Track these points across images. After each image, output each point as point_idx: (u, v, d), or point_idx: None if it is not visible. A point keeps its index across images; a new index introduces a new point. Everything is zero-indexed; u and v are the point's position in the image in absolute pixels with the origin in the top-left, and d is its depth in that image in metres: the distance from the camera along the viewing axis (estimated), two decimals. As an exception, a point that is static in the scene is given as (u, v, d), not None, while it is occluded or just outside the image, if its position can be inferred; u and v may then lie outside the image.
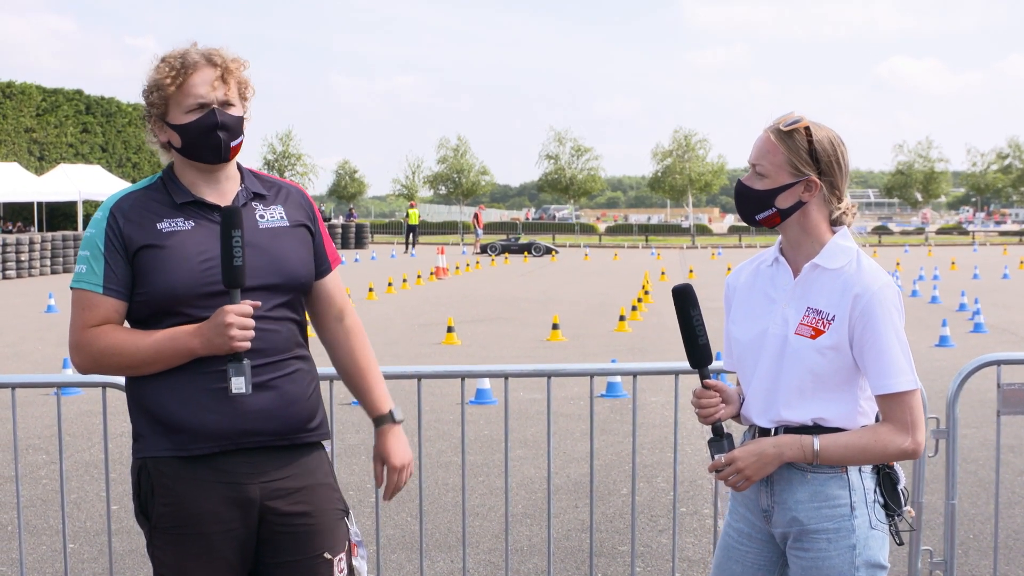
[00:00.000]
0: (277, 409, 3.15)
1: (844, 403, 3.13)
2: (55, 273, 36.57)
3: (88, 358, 3.15)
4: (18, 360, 15.41)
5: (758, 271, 3.33)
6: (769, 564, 3.28)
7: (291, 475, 3.20)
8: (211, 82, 3.13)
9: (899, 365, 3.05)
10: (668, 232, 79.50)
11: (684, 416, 10.72)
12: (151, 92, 3.15)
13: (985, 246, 61.66)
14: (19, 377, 4.71)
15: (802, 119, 3.14)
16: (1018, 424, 10.04)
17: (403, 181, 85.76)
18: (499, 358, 15.59)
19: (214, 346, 3.03)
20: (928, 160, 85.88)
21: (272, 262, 3.17)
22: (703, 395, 3.28)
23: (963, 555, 6.53)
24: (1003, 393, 4.71)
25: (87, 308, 3.13)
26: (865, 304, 3.06)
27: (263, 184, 3.32)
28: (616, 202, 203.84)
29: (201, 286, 3.09)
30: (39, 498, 8.03)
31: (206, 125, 3.12)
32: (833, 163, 3.14)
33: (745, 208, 3.24)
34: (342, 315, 3.44)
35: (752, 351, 3.23)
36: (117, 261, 3.12)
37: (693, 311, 3.22)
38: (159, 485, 3.11)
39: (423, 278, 32.38)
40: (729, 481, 3.17)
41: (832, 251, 3.15)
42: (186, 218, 3.15)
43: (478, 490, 8.15)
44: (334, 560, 3.26)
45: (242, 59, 3.23)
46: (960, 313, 21.51)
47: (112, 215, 3.15)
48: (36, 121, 48.28)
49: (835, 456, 3.08)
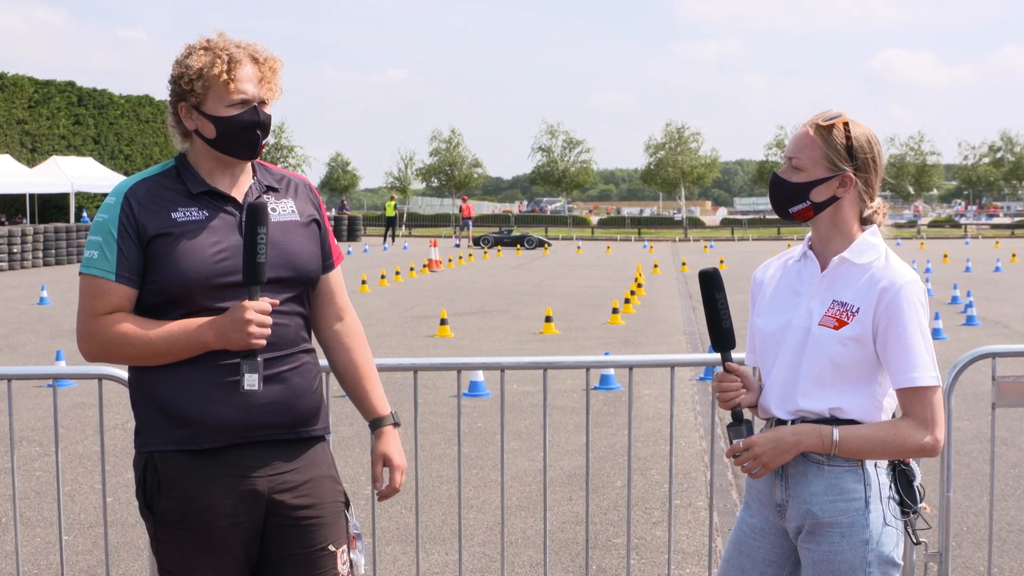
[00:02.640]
0: (286, 401, 3.14)
1: (862, 396, 3.13)
2: (47, 265, 36.49)
3: (97, 347, 3.11)
4: (11, 352, 15.39)
5: (785, 266, 3.35)
6: (780, 560, 3.28)
7: (297, 468, 3.19)
8: (255, 79, 3.13)
9: (923, 360, 3.05)
10: (660, 225, 79.66)
11: (679, 409, 10.72)
12: (192, 80, 3.10)
13: (977, 239, 61.79)
14: (15, 369, 4.70)
15: (841, 115, 3.17)
16: (1010, 417, 10.08)
17: (395, 173, 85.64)
18: (492, 350, 15.60)
19: (230, 341, 3.02)
20: (920, 153, 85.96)
21: (283, 255, 3.16)
22: (724, 379, 3.27)
23: (957, 547, 6.56)
24: (998, 386, 4.72)
25: (97, 295, 3.08)
26: (892, 298, 3.07)
27: (273, 177, 3.32)
28: (608, 195, 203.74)
29: (213, 277, 3.07)
30: (33, 490, 8.02)
31: (247, 122, 3.12)
32: (869, 161, 3.17)
33: (779, 200, 3.25)
34: (342, 314, 3.42)
35: (774, 342, 3.24)
36: (130, 248, 3.08)
37: (718, 294, 3.23)
38: (167, 480, 3.08)
39: (416, 270, 32.36)
40: (745, 467, 3.16)
41: (861, 246, 3.17)
42: (200, 208, 3.14)
43: (472, 482, 8.16)
44: (337, 552, 3.27)
45: (278, 59, 3.22)
46: (953, 306, 21.56)
47: (127, 200, 3.11)
48: (28, 113, 48.14)
49: (853, 447, 3.07)
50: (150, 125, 56.35)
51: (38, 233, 36.47)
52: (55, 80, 50.43)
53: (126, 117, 54.39)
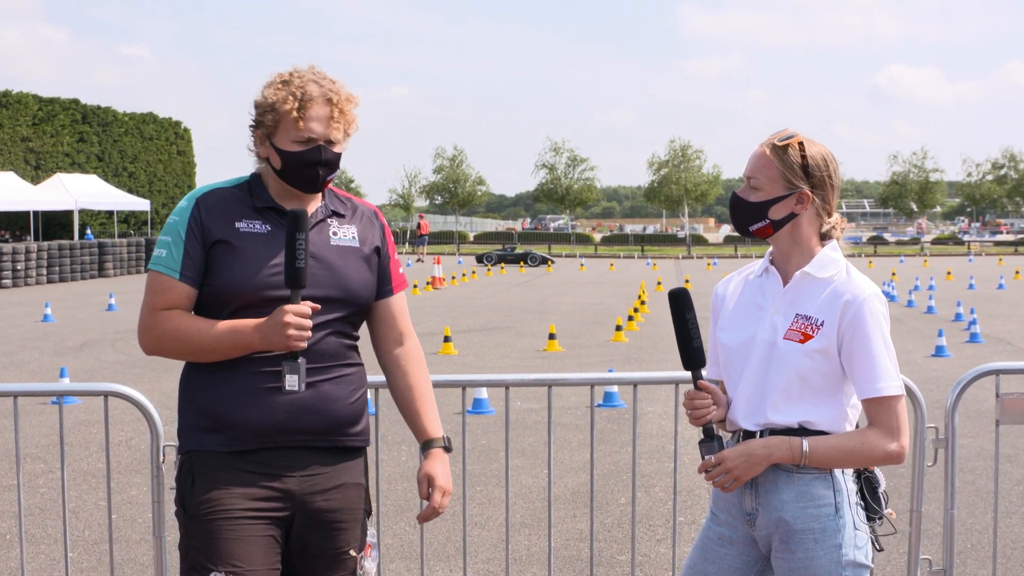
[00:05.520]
0: (314, 406, 3.22)
1: (830, 408, 3.19)
2: (51, 282, 36.54)
3: (153, 340, 3.24)
4: (14, 369, 15.40)
5: (746, 281, 3.41)
6: (746, 568, 3.33)
7: (329, 473, 3.28)
8: (325, 119, 3.22)
9: (887, 370, 3.13)
10: (664, 242, 79.66)
11: (683, 426, 10.73)
12: (265, 111, 3.22)
13: (981, 256, 61.79)
14: (21, 386, 4.71)
15: (796, 135, 3.25)
16: (1014, 434, 10.06)
17: (399, 191, 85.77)
18: (496, 367, 15.62)
19: (271, 342, 3.12)
20: (923, 170, 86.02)
21: (335, 277, 3.27)
22: (695, 396, 3.32)
23: (961, 564, 6.55)
24: (1002, 403, 4.72)
25: (160, 291, 3.22)
26: (855, 310, 3.13)
27: (341, 203, 3.43)
28: (611, 212, 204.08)
29: (265, 289, 3.18)
30: (37, 507, 8.02)
31: (309, 160, 3.22)
32: (825, 178, 3.24)
33: (739, 219, 3.33)
34: (402, 339, 3.50)
35: (739, 356, 3.29)
36: (196, 249, 3.21)
37: (688, 314, 3.28)
38: (200, 475, 3.20)
39: (420, 287, 32.38)
40: (717, 482, 3.21)
41: (822, 261, 3.23)
42: (264, 222, 3.26)
43: (476, 499, 8.17)
44: (358, 558, 3.37)
45: (355, 97, 3.31)
46: (956, 323, 21.55)
47: (197, 206, 3.24)
48: (32, 130, 48.30)
49: (823, 458, 3.14)
50: (154, 143, 56.50)
51: (42, 250, 36.53)
52: (59, 98, 50.64)
53: (130, 135, 54.56)
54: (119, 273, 40.58)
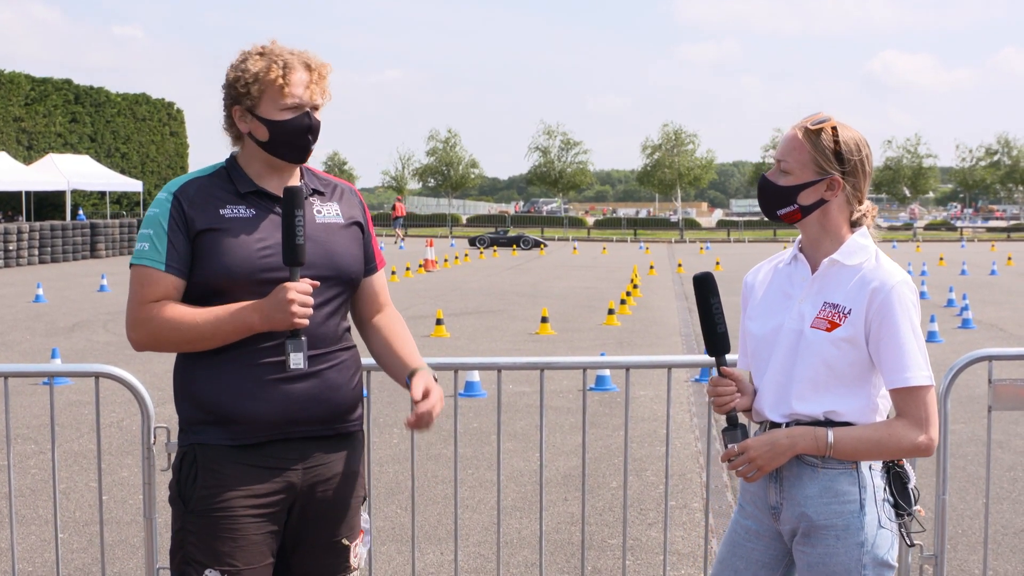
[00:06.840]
0: (321, 395, 3.22)
1: (857, 398, 3.12)
2: (43, 263, 36.46)
3: (146, 333, 3.19)
4: (5, 350, 15.37)
5: (776, 269, 3.34)
6: (773, 562, 3.27)
7: (330, 463, 3.29)
8: (307, 84, 3.22)
9: (915, 359, 3.04)
10: (656, 226, 79.62)
11: (675, 410, 10.71)
12: (248, 83, 3.19)
13: (973, 242, 61.85)
14: (12, 367, 4.69)
15: (830, 119, 3.16)
16: (1005, 420, 10.09)
17: (392, 173, 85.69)
18: (488, 351, 15.61)
19: (274, 321, 3.10)
20: (916, 156, 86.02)
21: (326, 256, 3.25)
22: (719, 383, 3.26)
23: (952, 550, 6.56)
24: (994, 389, 4.71)
25: (147, 284, 3.17)
26: (883, 298, 3.06)
27: (320, 182, 3.42)
28: (605, 196, 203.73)
29: (257, 272, 3.16)
30: (27, 488, 8.01)
31: (300, 126, 3.21)
32: (857, 164, 3.16)
33: (767, 202, 3.25)
34: (383, 308, 3.50)
35: (766, 345, 3.23)
36: (180, 240, 3.17)
37: (713, 299, 3.24)
38: (204, 469, 3.17)
39: (412, 270, 32.35)
40: (740, 471, 3.15)
41: (851, 248, 3.16)
42: (248, 206, 3.23)
43: (467, 482, 8.16)
44: (351, 546, 3.36)
45: (328, 64, 3.31)
46: (948, 309, 21.58)
47: (176, 198, 3.20)
48: (25, 110, 48.08)
49: (848, 449, 3.06)
50: (147, 123, 56.28)
51: (34, 231, 36.44)
52: (51, 78, 50.37)
53: (123, 115, 54.32)
54: (111, 254, 40.49)
